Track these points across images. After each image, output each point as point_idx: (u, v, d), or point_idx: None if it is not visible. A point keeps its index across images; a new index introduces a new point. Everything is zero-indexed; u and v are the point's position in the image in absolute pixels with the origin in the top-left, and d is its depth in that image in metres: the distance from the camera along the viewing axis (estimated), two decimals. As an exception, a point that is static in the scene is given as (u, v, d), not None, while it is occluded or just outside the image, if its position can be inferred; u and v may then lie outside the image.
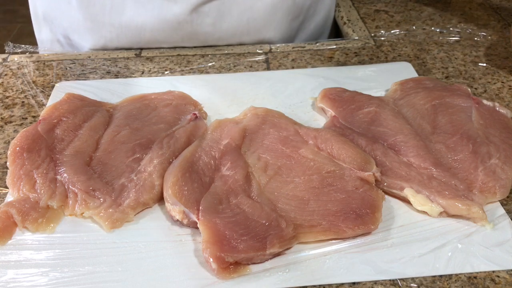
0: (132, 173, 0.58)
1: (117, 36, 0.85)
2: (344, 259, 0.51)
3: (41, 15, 0.91)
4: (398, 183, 0.57)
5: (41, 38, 0.94)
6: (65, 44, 0.91)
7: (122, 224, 0.54)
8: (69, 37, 0.90)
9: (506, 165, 0.59)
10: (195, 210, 0.52)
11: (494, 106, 0.69)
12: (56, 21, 0.89)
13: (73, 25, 0.87)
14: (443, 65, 0.83)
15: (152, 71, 0.80)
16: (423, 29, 0.93)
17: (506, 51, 0.86)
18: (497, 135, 0.63)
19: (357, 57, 0.85)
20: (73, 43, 0.90)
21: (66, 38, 0.90)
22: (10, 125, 0.69)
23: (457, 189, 0.56)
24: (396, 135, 0.63)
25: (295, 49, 0.86)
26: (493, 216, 0.56)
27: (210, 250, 0.49)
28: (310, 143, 0.61)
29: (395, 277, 0.50)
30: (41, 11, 0.91)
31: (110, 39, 0.85)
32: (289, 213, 0.53)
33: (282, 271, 0.50)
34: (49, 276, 0.49)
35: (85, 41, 0.88)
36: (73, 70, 0.80)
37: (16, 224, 0.54)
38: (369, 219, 0.53)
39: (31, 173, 0.57)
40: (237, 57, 0.84)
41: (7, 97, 0.75)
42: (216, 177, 0.57)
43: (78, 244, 0.53)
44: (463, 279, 0.50)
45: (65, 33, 0.89)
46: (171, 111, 0.66)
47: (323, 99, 0.70)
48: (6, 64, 0.82)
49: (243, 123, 0.64)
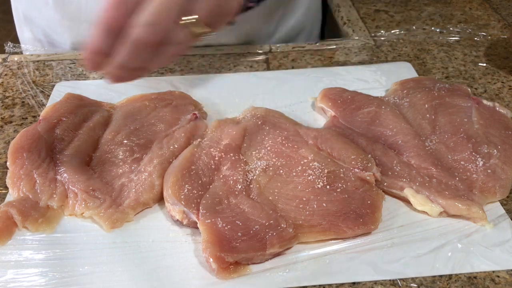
0: (132, 173, 0.58)
1: None
2: (344, 259, 0.51)
3: (22, 15, 0.92)
4: (398, 183, 0.57)
5: (23, 38, 0.95)
6: (45, 43, 0.92)
7: (122, 224, 0.54)
8: (49, 36, 0.90)
9: (506, 165, 0.59)
10: (195, 210, 0.52)
11: (494, 106, 0.69)
12: (36, 21, 0.90)
13: (51, 24, 0.88)
14: (443, 65, 0.83)
15: (152, 71, 0.80)
16: (423, 29, 0.93)
17: (506, 51, 0.86)
18: (497, 135, 0.63)
19: (357, 57, 0.85)
20: (53, 42, 0.91)
21: (46, 37, 0.91)
22: (10, 125, 0.69)
23: (457, 189, 0.56)
24: (396, 135, 0.63)
25: (295, 49, 0.86)
26: (493, 216, 0.55)
27: (210, 250, 0.49)
28: (310, 143, 0.61)
29: (395, 277, 0.50)
30: (21, 11, 0.92)
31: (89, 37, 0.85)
32: (289, 213, 0.53)
33: (282, 271, 0.50)
34: (49, 276, 0.49)
35: (64, 40, 0.88)
36: (73, 70, 0.80)
37: (16, 224, 0.54)
38: (369, 219, 0.53)
39: (31, 173, 0.57)
40: (237, 57, 0.84)
41: (7, 97, 0.74)
42: (216, 177, 0.57)
43: (78, 244, 0.53)
44: (463, 279, 0.50)
45: (45, 32, 0.90)
46: (171, 111, 0.66)
47: (323, 99, 0.70)
48: (6, 64, 0.82)
49: (243, 123, 0.64)
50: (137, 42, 0.48)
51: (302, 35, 0.98)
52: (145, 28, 0.47)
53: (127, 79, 0.54)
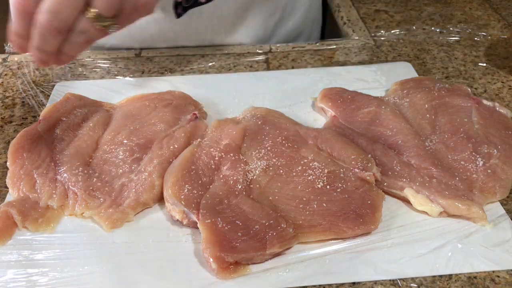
0: (132, 173, 0.58)
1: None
2: (344, 259, 0.51)
3: None
4: (398, 183, 0.57)
5: None
6: None
7: (122, 224, 0.54)
8: None
9: (506, 165, 0.59)
10: (195, 210, 0.52)
11: (494, 106, 0.69)
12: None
13: None
14: (443, 65, 0.83)
15: (152, 71, 0.80)
16: (423, 29, 0.93)
17: (506, 51, 0.86)
18: (497, 135, 0.63)
19: (357, 57, 0.85)
20: None
21: None
22: (10, 125, 0.69)
23: (457, 189, 0.56)
24: (396, 135, 0.63)
25: (295, 49, 0.86)
26: (493, 216, 0.56)
27: (210, 250, 0.49)
28: (310, 143, 0.61)
29: (395, 277, 0.50)
30: None
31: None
32: (289, 213, 0.53)
33: (282, 271, 0.50)
34: (49, 276, 0.49)
35: None
36: (73, 70, 0.80)
37: (16, 224, 0.54)
38: (369, 219, 0.53)
39: (31, 173, 0.57)
40: (237, 57, 0.84)
41: (7, 97, 0.75)
42: (216, 177, 0.57)
43: (78, 244, 0.53)
44: (463, 279, 0.50)
45: None
46: (171, 111, 0.66)
47: (323, 99, 0.70)
48: (6, 64, 0.82)
49: (243, 123, 0.64)
50: (42, 28, 0.53)
51: (301, 38, 0.98)
52: (48, 15, 0.51)
53: (51, 62, 0.58)
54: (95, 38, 0.57)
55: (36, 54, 0.56)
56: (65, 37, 0.55)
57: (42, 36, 0.53)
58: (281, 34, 0.94)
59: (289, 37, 0.95)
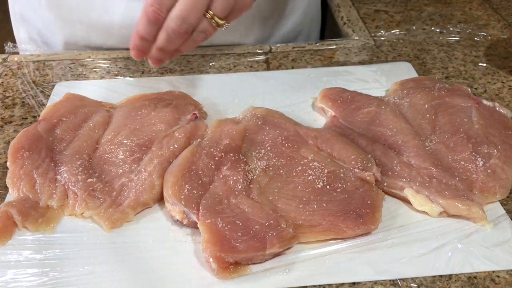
0: (132, 173, 0.58)
1: (87, 34, 0.86)
2: (344, 259, 0.51)
3: (18, 15, 0.93)
4: (398, 183, 0.57)
5: (19, 37, 0.95)
6: (40, 42, 0.92)
7: (122, 224, 0.54)
8: (43, 35, 0.91)
9: (506, 165, 0.59)
10: (195, 210, 0.52)
11: (494, 106, 0.69)
12: (31, 21, 0.91)
13: (45, 24, 0.89)
14: (443, 65, 0.83)
15: (152, 71, 0.80)
16: (423, 29, 0.93)
17: (506, 51, 0.86)
18: (497, 135, 0.63)
19: (357, 57, 0.85)
20: (48, 42, 0.91)
21: (40, 37, 0.92)
22: (10, 125, 0.69)
23: (457, 189, 0.56)
24: (396, 135, 0.63)
25: (295, 49, 0.86)
26: (493, 216, 0.56)
27: (210, 250, 0.49)
28: (310, 143, 0.61)
29: (395, 277, 0.50)
30: (18, 11, 0.92)
31: (82, 37, 0.87)
32: (289, 213, 0.53)
33: (282, 271, 0.50)
34: (49, 276, 0.49)
35: (57, 39, 0.89)
36: (73, 70, 0.80)
37: (16, 224, 0.54)
38: (369, 219, 0.53)
39: (31, 173, 0.57)
40: (237, 57, 0.84)
41: (7, 97, 0.74)
42: (216, 177, 0.57)
43: (78, 244, 0.53)
44: (463, 279, 0.50)
45: (39, 32, 0.91)
46: (171, 111, 0.66)
47: (323, 99, 0.70)
48: (6, 64, 0.82)
49: (243, 123, 0.64)
50: (172, 31, 0.61)
51: (300, 38, 0.98)
52: (178, 20, 0.60)
53: (165, 60, 0.67)
54: (210, 36, 0.65)
55: (157, 54, 0.64)
56: (188, 37, 0.63)
57: (169, 38, 0.62)
58: (280, 34, 0.94)
59: (288, 37, 0.95)
